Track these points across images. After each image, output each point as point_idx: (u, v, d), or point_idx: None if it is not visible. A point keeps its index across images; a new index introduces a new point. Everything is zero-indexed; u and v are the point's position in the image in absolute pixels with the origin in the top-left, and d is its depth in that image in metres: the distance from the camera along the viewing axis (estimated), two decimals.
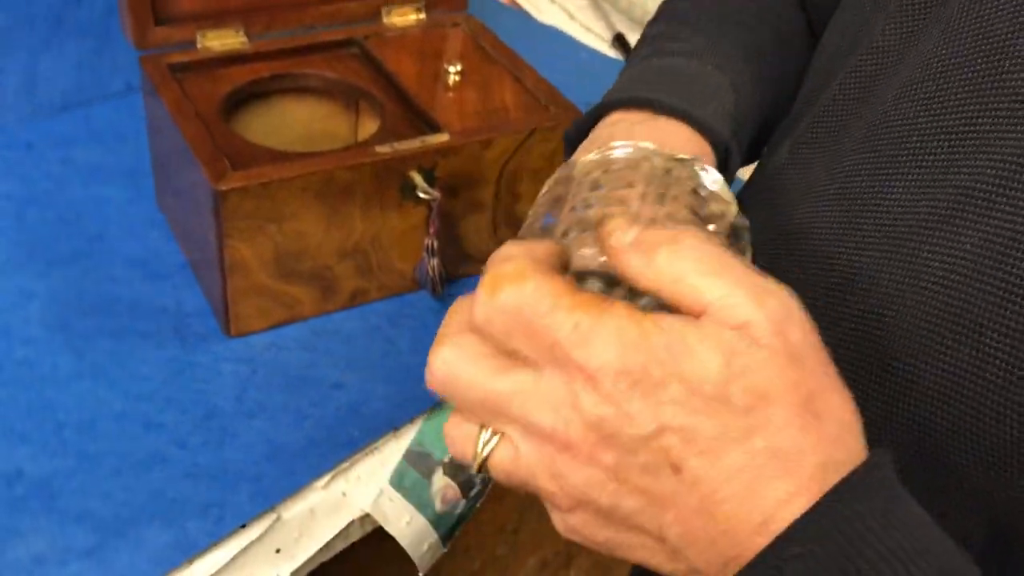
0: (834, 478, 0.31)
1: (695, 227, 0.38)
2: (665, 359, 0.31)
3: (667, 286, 0.33)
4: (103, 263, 0.74)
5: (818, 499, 0.30)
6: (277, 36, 0.79)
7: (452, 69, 0.78)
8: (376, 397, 0.67)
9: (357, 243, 0.71)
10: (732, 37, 0.54)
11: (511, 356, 0.34)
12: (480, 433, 0.35)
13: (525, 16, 1.18)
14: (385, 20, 0.83)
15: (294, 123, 0.80)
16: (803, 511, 0.30)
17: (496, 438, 0.35)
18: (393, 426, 0.66)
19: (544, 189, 0.45)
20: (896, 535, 0.30)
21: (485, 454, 0.35)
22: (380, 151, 0.68)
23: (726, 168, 0.50)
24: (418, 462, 0.64)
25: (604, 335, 0.31)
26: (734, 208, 0.44)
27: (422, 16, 0.84)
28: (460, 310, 0.36)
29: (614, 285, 0.37)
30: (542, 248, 0.36)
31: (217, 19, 0.77)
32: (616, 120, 0.50)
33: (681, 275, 0.32)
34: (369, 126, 0.78)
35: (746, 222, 0.43)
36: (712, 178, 0.44)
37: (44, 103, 0.88)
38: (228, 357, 0.69)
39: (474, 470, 0.36)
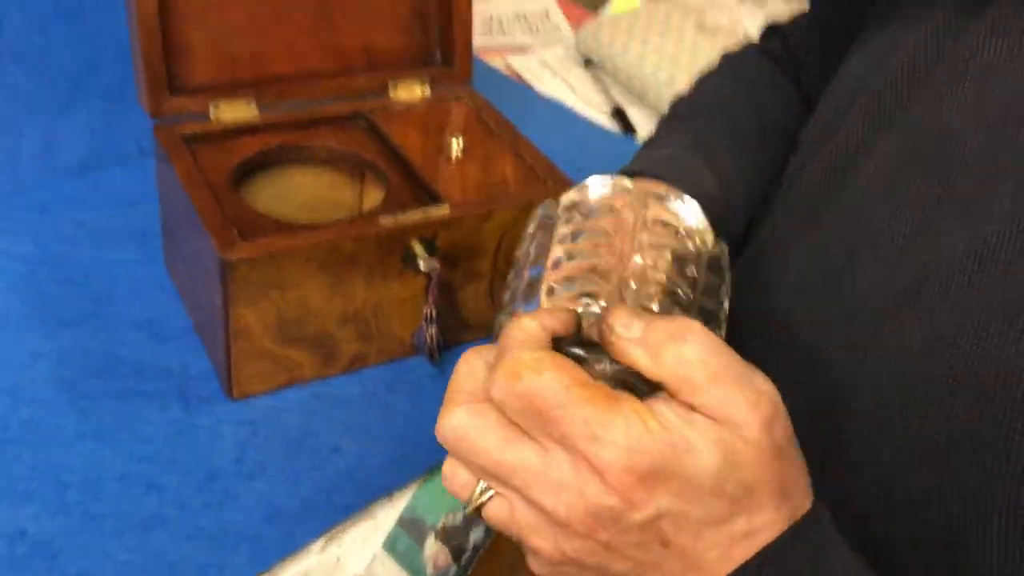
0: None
1: (679, 286, 0.41)
2: (669, 457, 0.34)
3: (672, 383, 0.36)
4: (110, 324, 0.77)
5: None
6: (287, 108, 0.82)
7: (455, 143, 0.81)
8: (373, 462, 0.69)
9: (358, 310, 0.73)
10: (721, 129, 0.58)
11: (520, 427, 0.36)
12: (478, 483, 0.38)
13: (526, 88, 1.21)
14: (391, 95, 0.86)
15: (301, 191, 0.82)
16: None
17: (492, 491, 0.37)
18: (388, 491, 0.67)
19: (529, 229, 0.48)
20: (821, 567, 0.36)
21: (480, 502, 0.38)
22: (383, 222, 0.71)
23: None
24: (411, 528, 0.65)
25: (613, 433, 0.34)
26: (710, 237, 0.46)
27: (427, 90, 0.88)
28: (473, 372, 0.39)
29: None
30: (555, 321, 0.39)
31: (230, 90, 0.80)
32: None
33: (687, 376, 0.36)
34: (374, 195, 0.81)
35: (724, 249, 0.46)
36: (688, 208, 0.47)
37: (60, 166, 0.91)
38: (230, 419, 0.71)
39: (467, 511, 0.38)
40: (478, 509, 0.38)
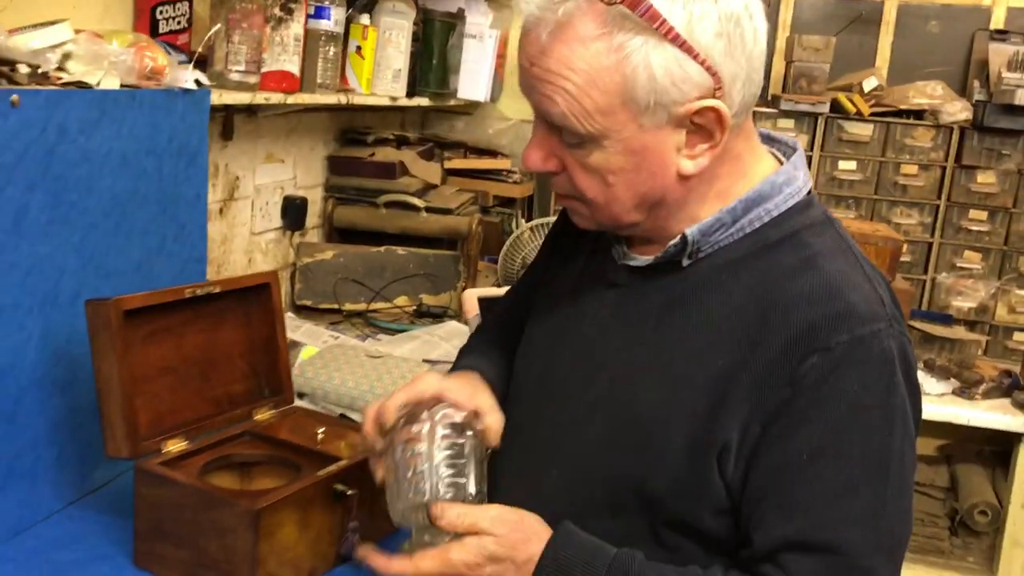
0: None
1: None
2: (491, 553, 0.95)
3: (470, 531, 0.96)
4: None
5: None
6: (203, 436, 1.25)
7: (318, 434, 1.30)
8: None
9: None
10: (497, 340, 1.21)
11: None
12: None
13: None
14: (256, 417, 1.33)
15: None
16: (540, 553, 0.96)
17: None
18: None
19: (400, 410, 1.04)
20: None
21: None
22: (318, 475, 1.18)
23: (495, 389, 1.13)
24: None
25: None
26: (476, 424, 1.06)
27: (273, 412, 1.36)
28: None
29: None
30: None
31: (169, 432, 1.22)
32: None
33: (478, 529, 0.96)
34: (264, 480, 1.25)
35: (473, 425, 1.05)
36: (458, 413, 1.05)
37: None
38: None
39: None
40: None
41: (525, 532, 0.97)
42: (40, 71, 1.21)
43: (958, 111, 2.82)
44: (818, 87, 2.89)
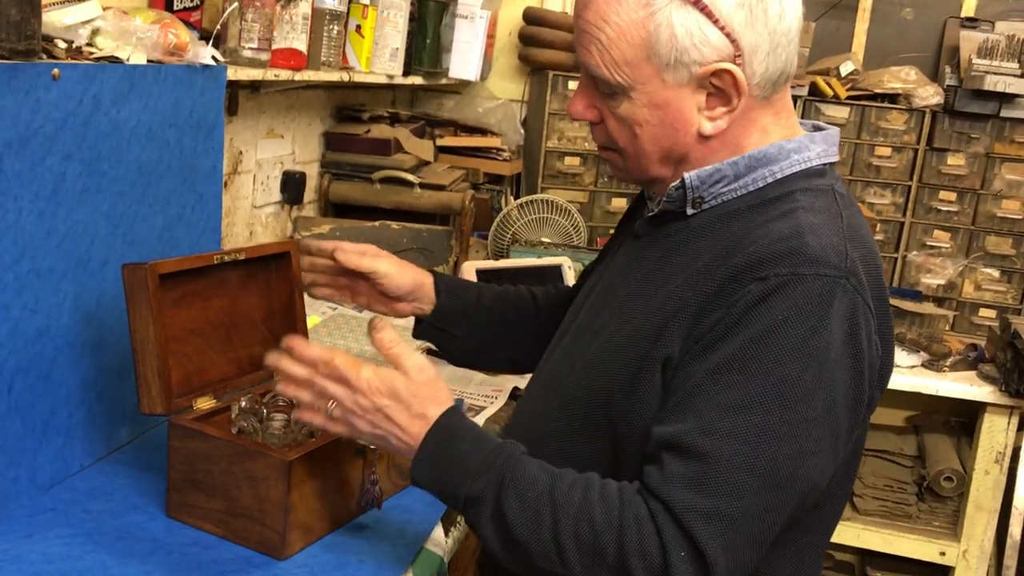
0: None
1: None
2: (395, 389, 1.06)
3: (391, 359, 1.06)
4: None
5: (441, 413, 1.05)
6: (231, 395, 1.32)
7: None
8: None
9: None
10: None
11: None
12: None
13: None
14: (277, 377, 1.40)
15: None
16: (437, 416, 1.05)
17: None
18: None
19: None
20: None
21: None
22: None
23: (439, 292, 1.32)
24: None
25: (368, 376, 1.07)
26: None
27: None
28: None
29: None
30: None
31: (199, 391, 1.29)
32: None
33: (399, 363, 1.07)
34: None
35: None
36: None
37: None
38: None
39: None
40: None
41: (433, 391, 1.06)
42: (74, 46, 1.27)
43: (930, 95, 2.92)
44: (797, 70, 2.99)
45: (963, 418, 2.92)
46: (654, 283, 1.07)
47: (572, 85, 2.88)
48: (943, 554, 2.67)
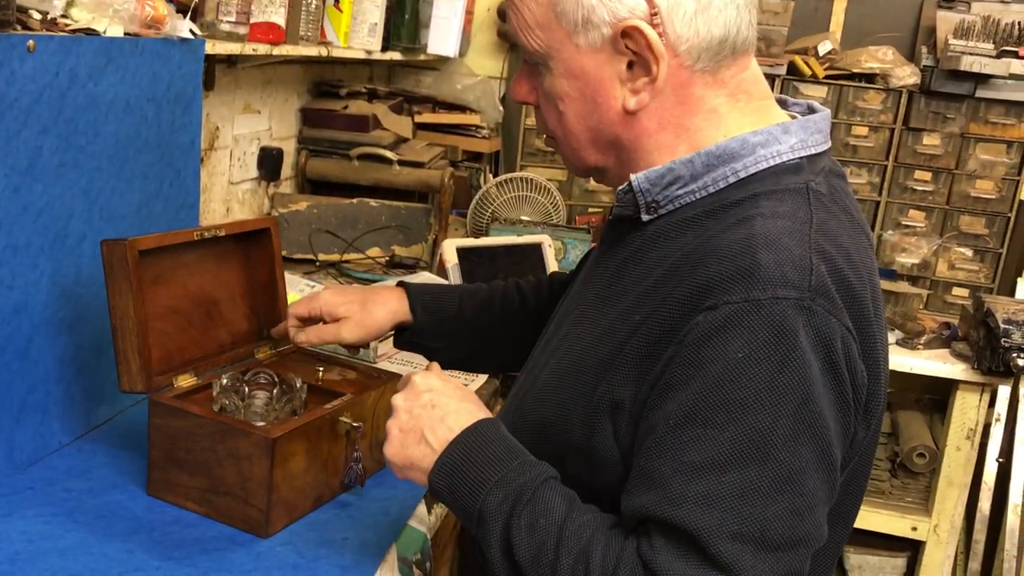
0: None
1: None
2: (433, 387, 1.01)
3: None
4: None
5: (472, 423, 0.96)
6: (211, 372, 1.31)
7: (319, 372, 1.37)
8: None
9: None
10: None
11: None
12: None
13: None
14: (257, 356, 1.39)
15: None
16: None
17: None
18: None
19: None
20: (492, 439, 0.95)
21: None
22: (326, 408, 1.25)
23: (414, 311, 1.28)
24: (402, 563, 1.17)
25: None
26: None
27: (272, 350, 1.42)
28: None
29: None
30: None
31: (179, 368, 1.27)
32: None
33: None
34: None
35: None
36: None
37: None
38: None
39: None
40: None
41: (467, 396, 1.00)
42: (49, 18, 1.24)
43: (907, 75, 2.93)
44: (776, 50, 2.98)
45: (936, 395, 2.96)
46: (607, 300, 0.97)
47: None
48: (915, 529, 2.71)
